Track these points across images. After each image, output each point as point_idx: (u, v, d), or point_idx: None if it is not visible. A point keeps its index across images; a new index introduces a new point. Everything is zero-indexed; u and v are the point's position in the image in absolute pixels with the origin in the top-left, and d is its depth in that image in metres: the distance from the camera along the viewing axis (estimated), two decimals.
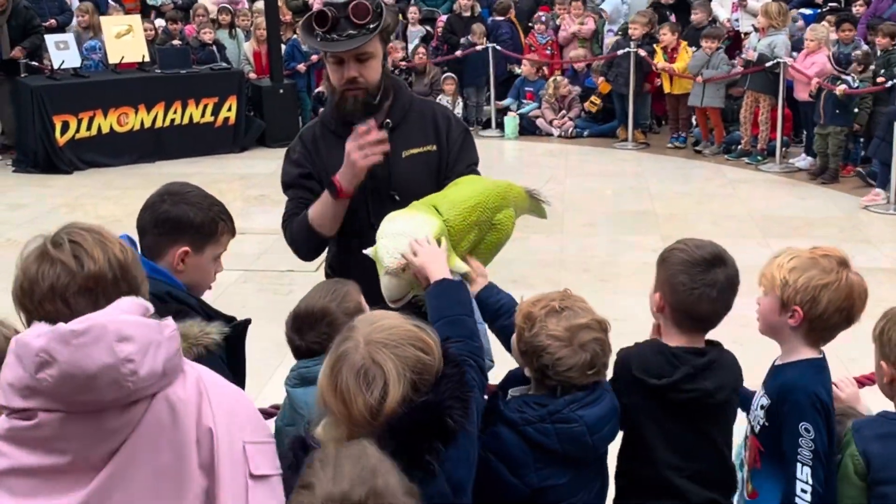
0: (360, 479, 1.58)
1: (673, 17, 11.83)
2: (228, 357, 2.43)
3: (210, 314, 2.45)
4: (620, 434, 2.55)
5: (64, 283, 1.77)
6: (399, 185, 3.02)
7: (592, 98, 11.63)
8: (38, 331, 1.66)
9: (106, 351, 1.62)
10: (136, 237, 2.54)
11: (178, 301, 2.41)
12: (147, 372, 1.65)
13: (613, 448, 2.53)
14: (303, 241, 3.11)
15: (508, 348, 2.55)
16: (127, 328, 1.64)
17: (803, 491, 2.38)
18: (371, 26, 2.90)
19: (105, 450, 1.67)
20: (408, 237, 2.53)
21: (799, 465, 2.39)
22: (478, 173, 3.13)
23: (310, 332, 2.57)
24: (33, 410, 1.65)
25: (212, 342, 2.31)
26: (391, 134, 3.02)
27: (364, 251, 2.65)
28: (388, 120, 3.05)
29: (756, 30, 10.45)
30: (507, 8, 12.73)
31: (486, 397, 2.41)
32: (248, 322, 2.56)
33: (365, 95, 2.98)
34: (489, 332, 2.69)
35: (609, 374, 2.49)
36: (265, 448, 1.79)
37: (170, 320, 1.77)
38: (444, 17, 13.00)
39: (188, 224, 2.49)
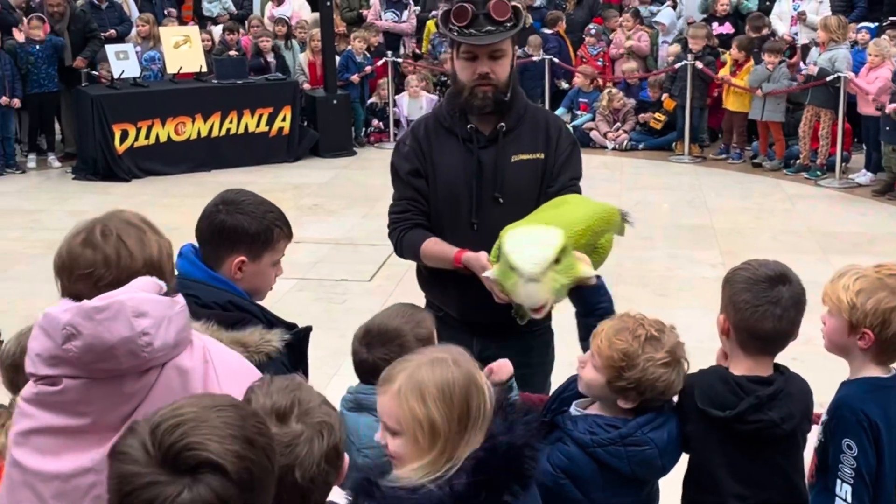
0: (286, 390, 1.83)
1: (725, 29, 11.72)
2: (292, 364, 2.41)
3: (271, 321, 2.45)
4: (685, 457, 2.50)
5: (100, 273, 1.95)
6: (505, 188, 3.06)
7: (657, 115, 11.49)
8: (64, 307, 1.85)
9: (125, 325, 1.79)
10: (190, 245, 2.56)
11: (239, 309, 2.42)
12: (161, 343, 1.82)
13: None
14: (408, 254, 3.19)
15: (583, 338, 2.60)
16: (143, 305, 1.82)
17: None
18: (508, 24, 2.96)
19: (122, 412, 1.86)
20: (542, 245, 2.58)
21: (839, 481, 2.37)
22: (579, 189, 3.13)
23: (380, 348, 2.56)
24: (58, 377, 1.85)
25: (273, 349, 2.31)
26: (504, 137, 3.08)
27: (484, 275, 2.73)
28: (502, 123, 3.09)
29: (816, 44, 10.28)
30: (556, 20, 12.66)
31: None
32: (309, 329, 2.56)
33: (495, 92, 3.02)
34: None
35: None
36: None
37: (179, 297, 1.93)
38: None
39: (244, 234, 2.50)
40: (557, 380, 2.65)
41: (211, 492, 1.42)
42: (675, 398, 2.46)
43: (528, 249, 2.60)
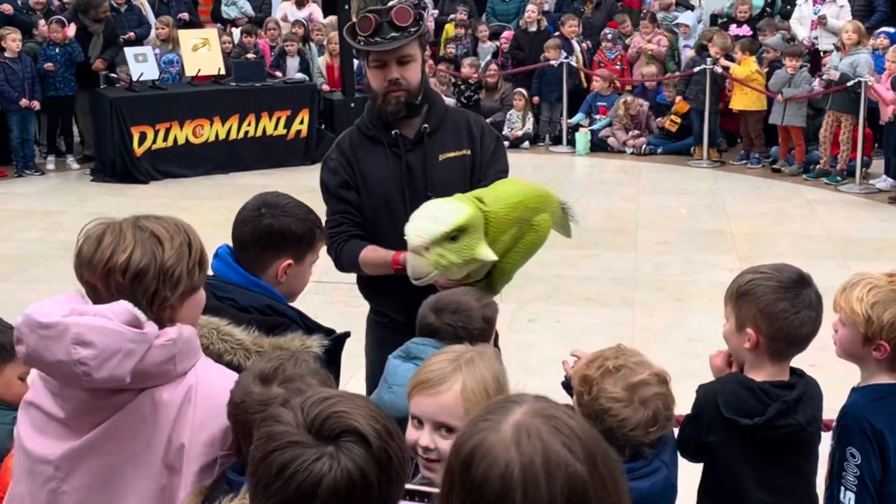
0: (274, 358, 1.97)
1: (743, 31, 11.67)
2: (327, 368, 2.42)
3: (310, 326, 2.44)
4: (694, 467, 2.47)
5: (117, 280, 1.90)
6: (435, 186, 3.11)
7: (672, 117, 11.47)
8: (29, 309, 1.84)
9: (63, 350, 1.77)
10: (226, 246, 2.55)
11: (278, 314, 2.42)
12: (107, 375, 1.78)
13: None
14: (349, 267, 3.26)
15: None
16: (89, 334, 1.77)
17: None
18: (412, 30, 3.04)
19: (90, 421, 1.87)
20: (438, 220, 2.67)
21: (843, 489, 2.38)
22: None
23: (449, 314, 2.59)
24: None
25: (313, 356, 2.31)
26: (428, 138, 3.17)
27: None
28: (425, 125, 3.17)
29: (837, 49, 10.22)
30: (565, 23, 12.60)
31: None
32: (347, 335, 2.58)
33: (406, 96, 3.10)
34: None
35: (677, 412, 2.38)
36: None
37: (175, 330, 1.87)
38: (507, 34, 12.93)
39: (291, 236, 2.51)
40: (558, 382, 2.62)
41: (352, 461, 1.42)
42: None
43: (421, 222, 2.71)
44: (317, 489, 1.40)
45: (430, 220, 2.70)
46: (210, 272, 2.48)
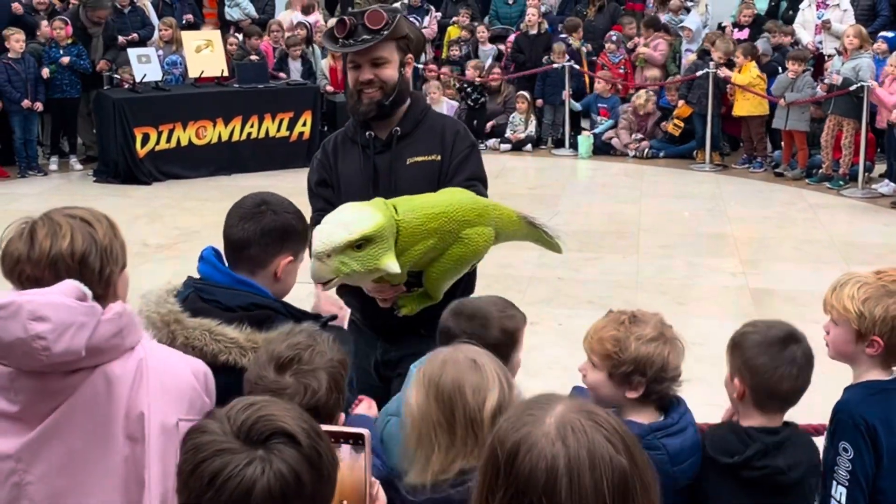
0: (296, 346, 2.10)
1: (743, 35, 11.68)
2: None
3: (297, 315, 2.44)
4: None
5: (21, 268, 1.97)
6: (401, 190, 3.10)
7: (675, 121, 11.46)
8: None
9: (19, 327, 1.79)
10: (211, 248, 2.54)
11: (262, 308, 2.42)
12: (63, 348, 1.81)
13: None
14: None
15: None
16: (43, 309, 1.81)
17: None
18: (384, 32, 3.09)
19: (47, 407, 1.89)
20: (346, 227, 2.68)
21: (834, 483, 2.43)
22: (480, 190, 3.18)
23: (465, 321, 2.59)
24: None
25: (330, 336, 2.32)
26: (400, 141, 3.20)
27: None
28: (397, 128, 3.21)
29: (839, 53, 10.21)
30: (575, 27, 12.62)
31: None
32: (334, 317, 2.59)
33: (380, 96, 3.15)
34: None
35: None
36: None
37: (119, 305, 1.93)
38: (511, 38, 12.94)
39: (293, 232, 2.53)
40: (562, 385, 2.62)
41: (284, 462, 1.43)
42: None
43: (330, 227, 2.71)
44: (250, 494, 1.41)
45: (339, 225, 2.70)
46: (196, 275, 2.50)
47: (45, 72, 10.64)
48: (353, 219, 2.71)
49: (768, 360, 2.43)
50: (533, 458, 1.32)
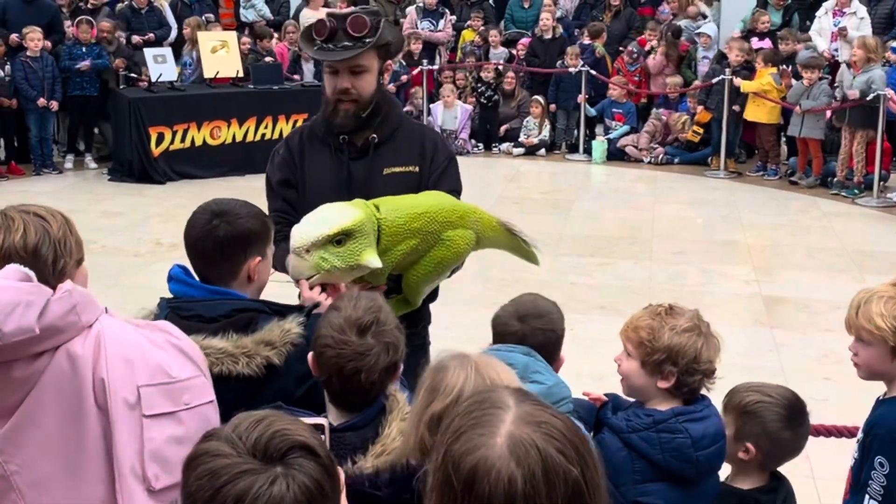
0: (370, 310, 2.18)
1: (765, 44, 11.62)
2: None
3: (279, 311, 2.42)
4: None
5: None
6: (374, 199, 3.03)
7: (694, 127, 11.43)
8: None
9: None
10: (178, 266, 2.52)
11: (244, 311, 2.40)
12: (14, 328, 1.81)
13: None
14: (280, 267, 3.06)
15: None
16: None
17: None
18: (367, 40, 2.96)
19: (17, 397, 1.89)
20: (325, 222, 2.65)
21: (867, 497, 2.39)
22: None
23: (536, 319, 2.63)
24: None
25: (296, 336, 2.32)
26: (376, 149, 3.10)
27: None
28: (374, 135, 3.10)
29: (848, 66, 10.13)
30: (598, 32, 12.58)
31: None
32: (317, 305, 2.55)
33: (356, 109, 3.05)
34: None
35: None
36: (163, 389, 1.96)
37: (67, 283, 1.93)
38: (525, 41, 12.93)
39: (253, 235, 2.48)
40: (575, 391, 2.62)
41: (306, 475, 1.42)
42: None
43: (308, 224, 2.67)
44: None
45: (317, 222, 2.66)
46: (169, 295, 2.48)
47: (86, 64, 10.72)
48: (331, 215, 2.67)
49: (792, 435, 2.53)
50: (491, 481, 1.32)
